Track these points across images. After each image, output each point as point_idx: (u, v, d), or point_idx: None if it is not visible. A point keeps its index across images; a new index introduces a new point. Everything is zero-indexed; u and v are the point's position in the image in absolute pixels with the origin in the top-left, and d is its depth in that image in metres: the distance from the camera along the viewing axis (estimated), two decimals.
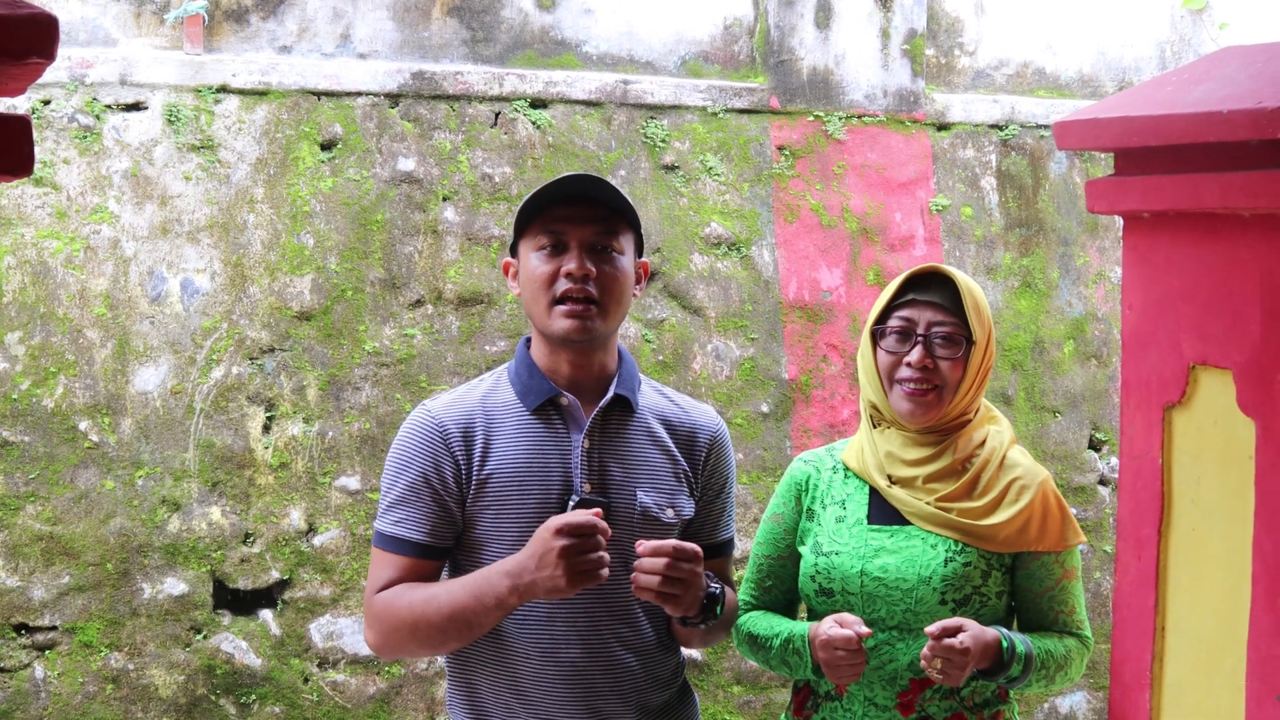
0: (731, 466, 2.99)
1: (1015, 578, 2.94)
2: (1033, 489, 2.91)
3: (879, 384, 2.93)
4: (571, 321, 2.71)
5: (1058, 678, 2.91)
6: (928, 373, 2.87)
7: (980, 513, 2.87)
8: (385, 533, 2.75)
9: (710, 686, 5.44)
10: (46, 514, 4.89)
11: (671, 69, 5.85)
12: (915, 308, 2.91)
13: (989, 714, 2.90)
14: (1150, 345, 2.74)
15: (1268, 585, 2.45)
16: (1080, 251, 6.21)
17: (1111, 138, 2.70)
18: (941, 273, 2.92)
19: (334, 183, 5.28)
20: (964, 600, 2.85)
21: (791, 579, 3.03)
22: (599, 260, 2.72)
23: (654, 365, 5.50)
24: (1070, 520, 2.94)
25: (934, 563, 2.85)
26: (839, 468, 3.03)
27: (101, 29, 5.24)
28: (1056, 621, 2.95)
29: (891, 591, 2.85)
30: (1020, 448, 3.03)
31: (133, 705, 4.91)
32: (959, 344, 2.88)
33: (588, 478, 2.74)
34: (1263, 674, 2.46)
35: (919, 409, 2.88)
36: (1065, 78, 6.43)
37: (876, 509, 2.94)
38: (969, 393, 2.91)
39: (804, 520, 3.01)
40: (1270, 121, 2.29)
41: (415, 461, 2.74)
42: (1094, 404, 6.16)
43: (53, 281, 4.98)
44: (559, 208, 2.73)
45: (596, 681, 2.76)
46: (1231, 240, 2.51)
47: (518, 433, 2.75)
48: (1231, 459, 2.55)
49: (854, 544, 2.90)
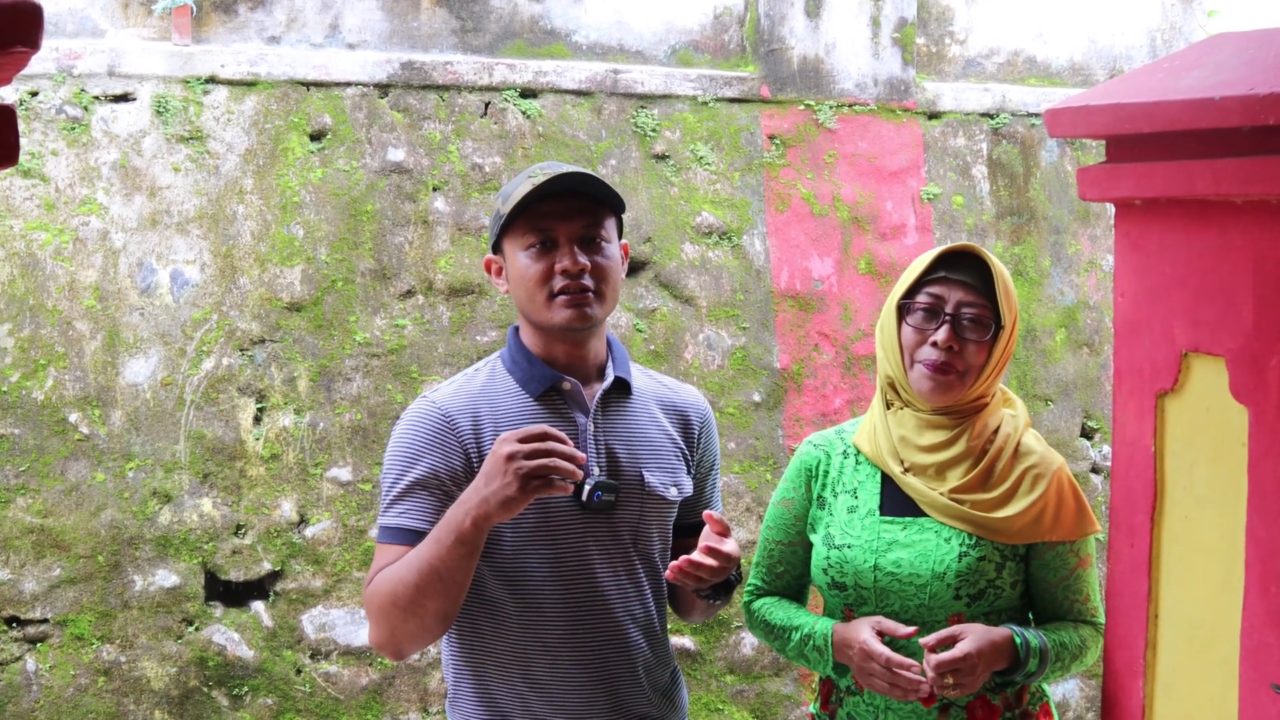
0: (717, 443, 3.01)
1: (1029, 567, 2.90)
2: (1047, 478, 2.87)
3: (900, 360, 2.87)
4: (572, 311, 2.70)
5: (1073, 666, 2.88)
6: (952, 354, 2.81)
7: (993, 504, 2.83)
8: (391, 525, 2.69)
9: (703, 676, 5.43)
10: (37, 506, 4.88)
11: (662, 58, 5.84)
12: (946, 285, 2.84)
13: (1012, 692, 2.88)
14: (1142, 333, 2.73)
15: (1261, 572, 2.45)
16: (1072, 239, 6.21)
17: (1103, 125, 2.70)
18: (974, 253, 2.86)
19: (324, 173, 5.26)
20: (978, 595, 2.82)
21: (803, 564, 3.01)
22: (590, 252, 2.72)
23: (646, 354, 5.50)
24: (1085, 509, 2.90)
25: (948, 557, 2.82)
26: (850, 452, 2.99)
27: (89, 20, 5.22)
28: (1071, 610, 2.91)
29: (905, 586, 2.82)
30: (1034, 433, 2.97)
31: (125, 698, 4.90)
32: (987, 327, 2.82)
33: (597, 460, 2.74)
34: (1256, 661, 2.46)
35: (939, 389, 2.83)
36: (1056, 66, 6.42)
37: (889, 498, 2.91)
38: (990, 377, 2.86)
39: (815, 508, 2.98)
40: (1262, 108, 2.29)
41: (423, 454, 2.70)
42: (1086, 392, 6.16)
43: (42, 273, 4.96)
44: (543, 204, 2.72)
45: (612, 661, 2.75)
46: (1223, 227, 2.51)
47: (525, 419, 2.73)
48: (1224, 446, 2.55)
49: (866, 537, 2.87)
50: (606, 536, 2.75)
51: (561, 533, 2.70)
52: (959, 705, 2.84)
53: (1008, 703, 2.88)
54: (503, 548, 2.71)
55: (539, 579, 2.70)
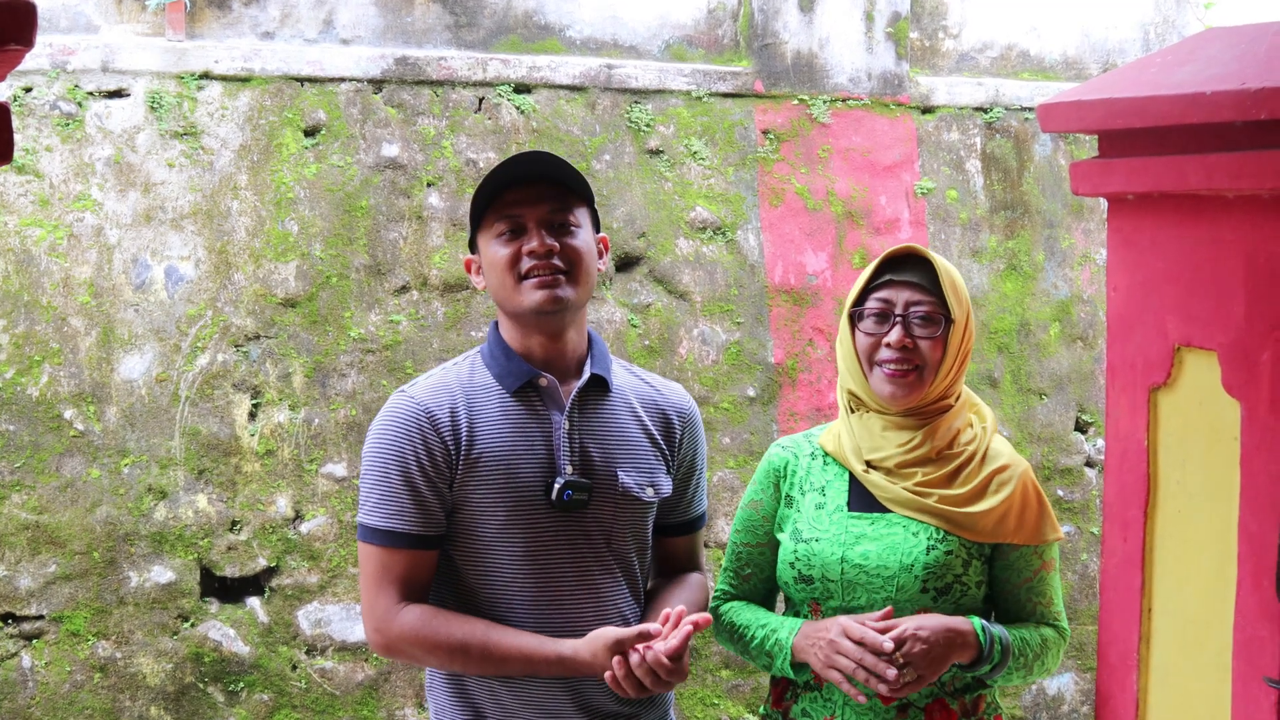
0: (703, 443, 3.00)
1: (994, 568, 2.91)
2: (1014, 481, 2.88)
3: (858, 368, 2.90)
4: (542, 292, 2.70)
5: (1035, 668, 2.88)
6: (907, 353, 2.83)
7: (961, 500, 2.85)
8: (380, 528, 2.70)
9: (698, 671, 5.44)
10: (32, 503, 4.88)
11: (655, 53, 5.84)
12: (892, 288, 2.88)
13: (970, 699, 2.89)
14: (1135, 327, 2.74)
15: (1253, 566, 2.46)
16: (1065, 234, 6.22)
17: (1095, 120, 2.70)
18: (918, 253, 2.90)
19: (318, 169, 5.26)
20: (945, 589, 2.83)
21: (770, 567, 3.01)
22: (559, 235, 2.73)
23: (640, 350, 5.50)
24: (1049, 515, 2.92)
25: (916, 550, 2.83)
26: (818, 453, 3.00)
27: (83, 16, 5.21)
28: (1034, 613, 2.92)
29: (873, 579, 2.83)
30: (1001, 437, 3.00)
31: (120, 694, 4.91)
32: (938, 323, 2.86)
33: (570, 459, 2.74)
34: (1249, 655, 2.47)
35: (900, 390, 2.86)
36: (1050, 60, 6.43)
37: (857, 496, 2.92)
38: (950, 374, 2.88)
39: (782, 507, 2.98)
40: (1254, 102, 2.29)
41: (405, 450, 2.71)
42: (1080, 386, 6.17)
43: (36, 270, 4.96)
44: (511, 193, 2.73)
45: None
46: (1216, 222, 2.52)
47: (501, 415, 2.74)
48: (1217, 440, 2.55)
49: (834, 531, 2.88)
50: (578, 535, 2.76)
51: (532, 530, 2.72)
52: (917, 706, 2.85)
53: (965, 709, 2.88)
54: (475, 541, 2.72)
55: (509, 574, 2.72)
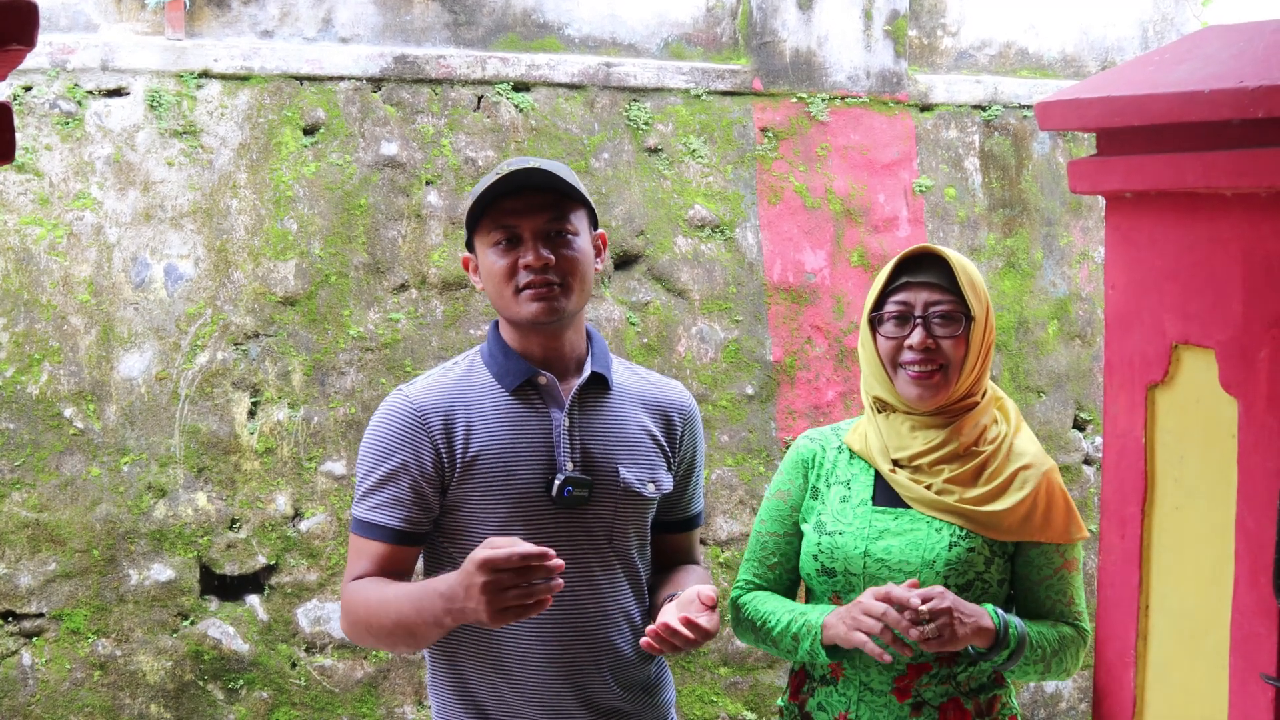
0: (701, 440, 3.02)
1: (1015, 565, 2.91)
2: (1037, 479, 2.88)
3: (883, 372, 2.91)
4: (538, 305, 2.72)
5: (1053, 665, 2.86)
6: (930, 353, 2.84)
7: (983, 499, 2.85)
8: (363, 519, 2.76)
9: (697, 668, 5.45)
10: (32, 501, 4.88)
11: (654, 51, 5.85)
12: (911, 290, 2.88)
13: (985, 699, 2.89)
14: (1133, 325, 2.75)
15: (1250, 563, 2.46)
16: (1064, 232, 6.22)
17: (1093, 118, 2.71)
18: (933, 252, 2.89)
19: (317, 167, 5.27)
20: (966, 586, 2.83)
21: (796, 557, 3.01)
22: (555, 246, 2.74)
23: (638, 348, 5.51)
24: (1074, 514, 2.90)
25: (938, 546, 2.84)
26: (844, 448, 3.01)
27: (82, 14, 5.21)
28: (1054, 611, 2.91)
29: (895, 574, 2.83)
30: (1029, 434, 2.99)
31: (120, 692, 4.91)
32: (958, 321, 2.85)
33: (570, 455, 2.75)
34: (1246, 651, 2.48)
35: (927, 391, 2.86)
36: (1048, 58, 6.43)
37: (881, 491, 2.93)
38: (974, 370, 2.88)
39: (808, 498, 2.99)
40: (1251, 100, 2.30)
41: (395, 448, 2.74)
42: (1078, 384, 6.18)
43: (36, 268, 4.96)
44: (507, 200, 2.74)
45: (581, 657, 2.78)
46: (1213, 219, 2.52)
47: (499, 414, 2.76)
48: (1214, 438, 2.56)
49: (858, 524, 2.89)
50: (579, 532, 2.77)
51: (532, 527, 2.72)
52: (932, 705, 2.86)
53: (980, 709, 2.89)
54: (476, 539, 2.72)
55: None
